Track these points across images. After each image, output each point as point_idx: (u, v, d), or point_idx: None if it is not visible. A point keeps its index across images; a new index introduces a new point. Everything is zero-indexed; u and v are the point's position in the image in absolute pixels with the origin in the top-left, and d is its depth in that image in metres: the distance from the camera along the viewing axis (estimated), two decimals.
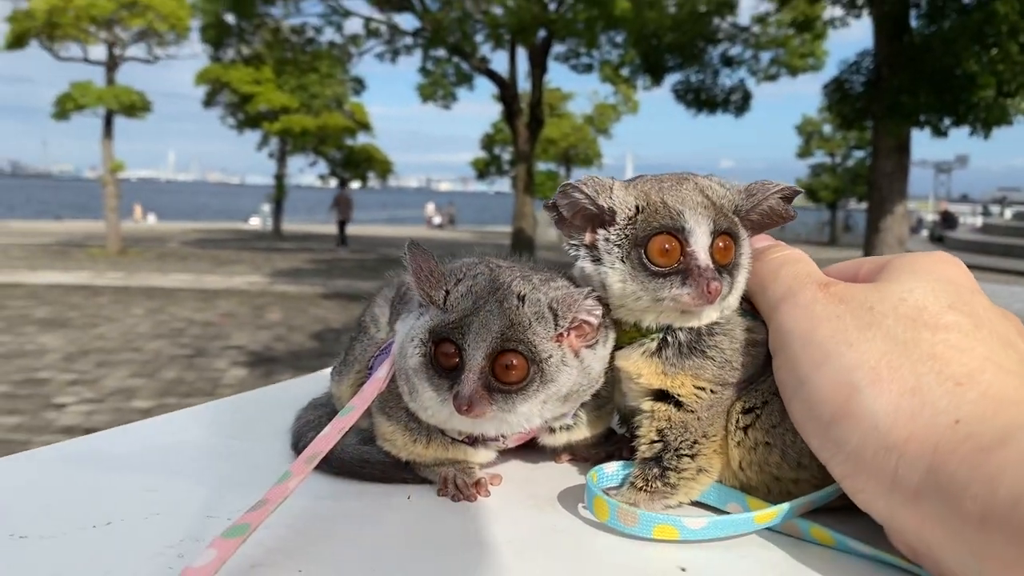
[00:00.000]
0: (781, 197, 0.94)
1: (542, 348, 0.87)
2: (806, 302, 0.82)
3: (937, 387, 0.71)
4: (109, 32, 25.35)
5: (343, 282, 18.38)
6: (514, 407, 0.87)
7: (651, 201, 0.89)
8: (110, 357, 11.18)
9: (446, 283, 0.91)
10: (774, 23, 22.27)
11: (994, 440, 0.65)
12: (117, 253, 24.13)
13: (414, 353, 0.90)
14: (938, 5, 14.43)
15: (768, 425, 0.89)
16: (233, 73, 28.38)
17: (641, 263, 0.88)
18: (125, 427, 1.18)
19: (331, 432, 0.88)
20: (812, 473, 0.87)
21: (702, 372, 0.90)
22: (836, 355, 0.76)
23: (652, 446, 0.92)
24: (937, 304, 0.77)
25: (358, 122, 33.44)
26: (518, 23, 20.80)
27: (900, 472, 0.70)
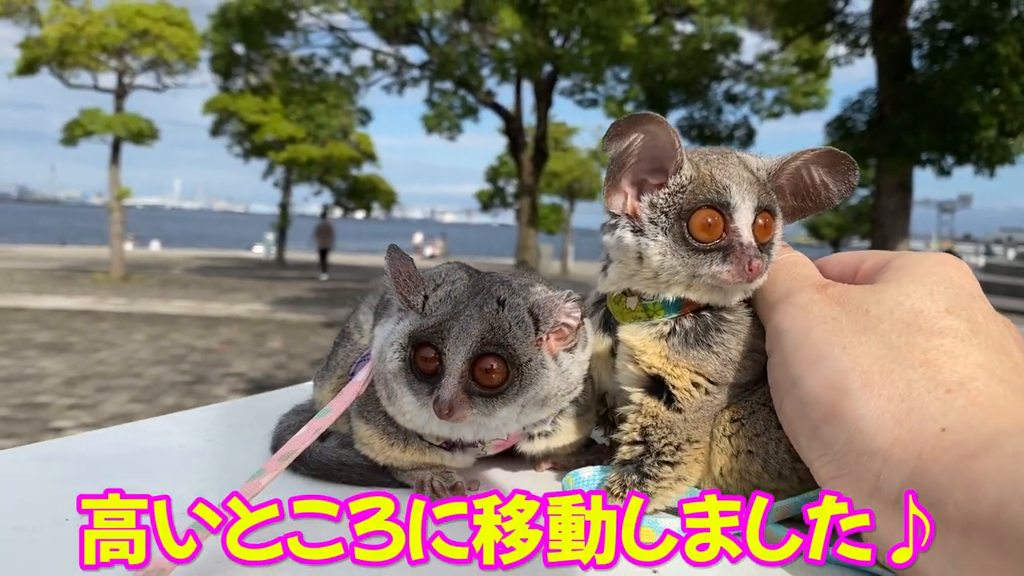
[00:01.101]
0: (813, 162, 0.92)
1: (522, 352, 0.87)
2: (803, 303, 0.82)
3: (927, 394, 0.70)
4: (119, 60, 25.60)
5: (345, 311, 18.25)
6: (493, 411, 0.87)
7: (700, 172, 0.88)
8: (110, 382, 11.17)
9: (425, 288, 0.91)
10: (778, 62, 22.46)
11: (979, 447, 0.64)
12: (121, 279, 24.15)
13: (393, 357, 0.90)
14: (940, 46, 14.55)
15: (752, 434, 0.88)
16: (241, 102, 28.60)
17: (683, 237, 0.87)
18: (102, 430, 1.19)
19: (306, 432, 0.89)
20: (791, 485, 0.87)
21: (704, 365, 0.89)
22: (830, 357, 0.76)
23: (633, 448, 0.91)
24: (934, 308, 0.76)
25: (364, 152, 33.60)
26: (524, 58, 20.97)
27: (882, 478, 0.69)
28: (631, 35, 19.21)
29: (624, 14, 17.95)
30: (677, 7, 21.09)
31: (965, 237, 66.57)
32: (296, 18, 23.90)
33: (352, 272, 30.93)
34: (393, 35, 23.55)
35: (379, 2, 22.01)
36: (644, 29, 20.38)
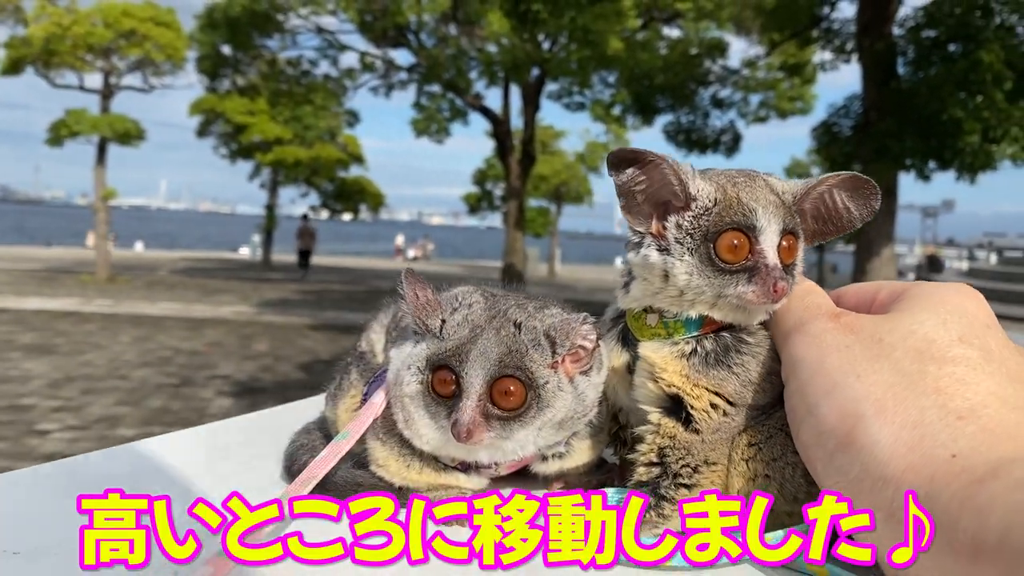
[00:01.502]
0: (837, 186, 0.93)
1: (539, 374, 0.88)
2: (817, 332, 0.83)
3: (938, 421, 0.71)
4: (106, 61, 25.46)
5: (332, 313, 18.33)
6: (511, 434, 0.88)
7: (727, 195, 0.89)
8: (96, 384, 11.09)
9: (442, 311, 0.92)
10: (764, 67, 22.57)
11: (986, 472, 0.64)
12: (106, 280, 24.00)
13: (411, 381, 0.91)
14: (924, 53, 14.65)
15: (769, 458, 0.89)
16: (228, 103, 28.48)
17: (709, 258, 0.87)
18: (107, 450, 1.17)
19: (328, 456, 0.89)
20: None
21: (724, 385, 0.89)
22: (844, 385, 0.77)
23: (650, 469, 0.91)
24: (947, 337, 0.77)
25: (351, 154, 33.53)
26: (512, 61, 20.99)
27: (896, 504, 0.69)
28: (618, 40, 19.25)
29: (611, 19, 17.99)
30: (664, 12, 21.14)
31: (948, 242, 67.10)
32: (284, 20, 23.84)
33: (339, 274, 30.86)
34: (381, 37, 23.53)
35: (367, 4, 22.00)
36: (631, 34, 20.42)
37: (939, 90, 13.31)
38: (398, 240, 53.80)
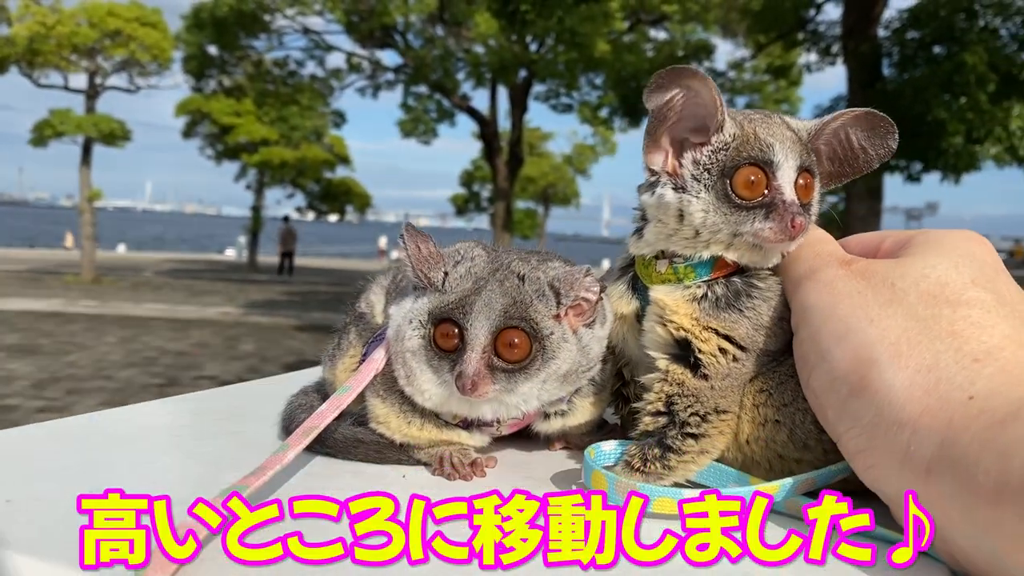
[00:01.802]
0: (852, 124, 0.92)
1: (544, 325, 0.87)
2: (828, 279, 0.82)
3: (954, 364, 0.70)
4: (91, 61, 25.31)
5: (318, 314, 18.27)
6: (515, 386, 0.88)
7: (744, 131, 0.88)
8: (81, 385, 11.01)
9: (444, 264, 0.91)
10: (750, 69, 22.67)
11: (1008, 414, 0.64)
12: (91, 281, 23.84)
13: (412, 335, 0.90)
14: (909, 54, 14.75)
15: (780, 404, 0.88)
16: (214, 104, 28.35)
17: (725, 194, 0.86)
18: (117, 409, 1.18)
19: (328, 409, 0.89)
20: (816, 455, 0.87)
21: (736, 328, 0.88)
22: (857, 330, 0.76)
23: (656, 419, 0.90)
24: (959, 280, 0.77)
25: (337, 155, 33.44)
26: (499, 62, 20.99)
27: (912, 448, 0.69)
28: (605, 42, 19.29)
29: (598, 21, 18.02)
30: (651, 14, 21.20)
31: None
32: (270, 20, 23.78)
33: (326, 275, 30.78)
34: (368, 38, 23.49)
35: (354, 5, 21.96)
36: (618, 36, 20.47)
37: (923, 92, 13.41)
38: (381, 242, 53.64)
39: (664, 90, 0.87)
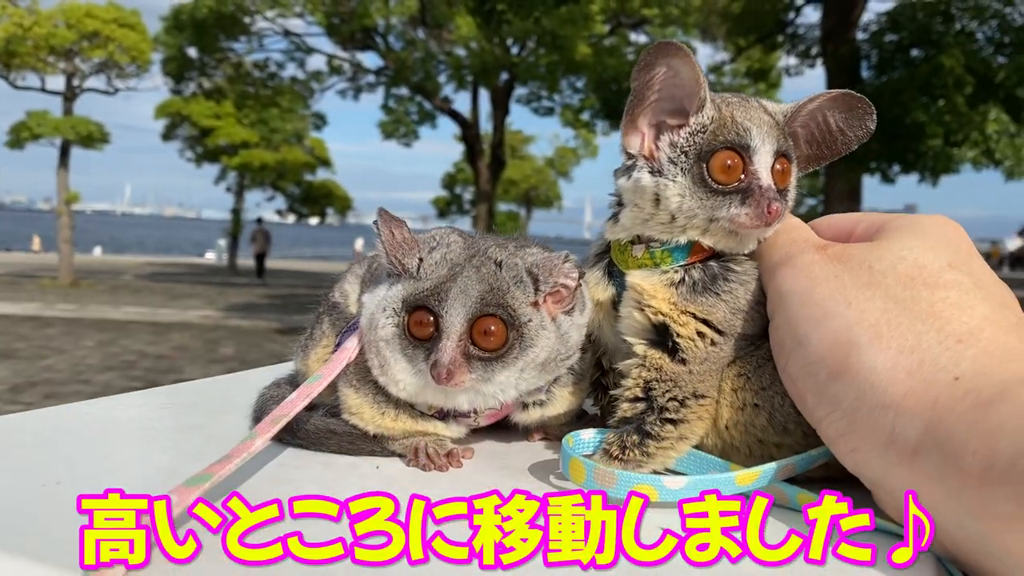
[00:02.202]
0: (828, 107, 0.92)
1: (521, 312, 0.86)
2: (804, 264, 0.82)
3: (937, 344, 0.70)
4: (68, 62, 25.08)
5: (298, 317, 18.05)
6: (492, 375, 0.86)
7: (722, 114, 0.87)
8: (58, 389, 10.90)
9: (419, 251, 0.89)
10: (730, 72, 22.80)
11: (993, 395, 0.64)
12: (69, 285, 23.61)
13: (386, 323, 0.88)
14: (887, 57, 14.90)
15: (758, 387, 0.87)
16: (193, 106, 28.17)
17: (702, 178, 0.85)
18: (77, 403, 1.15)
19: (297, 397, 0.87)
20: (796, 439, 0.86)
21: (713, 312, 0.87)
22: (835, 313, 0.75)
23: (635, 405, 0.89)
24: (937, 262, 0.76)
25: (318, 158, 33.32)
26: (480, 65, 21.01)
27: (897, 430, 0.68)
28: (586, 45, 19.36)
29: (579, 24, 18.08)
30: (631, 18, 21.28)
31: None
32: (250, 22, 23.65)
33: (306, 278, 30.63)
34: (349, 40, 23.43)
35: (335, 7, 21.88)
36: (599, 39, 20.55)
37: (902, 94, 13.55)
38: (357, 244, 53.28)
39: (650, 68, 0.86)
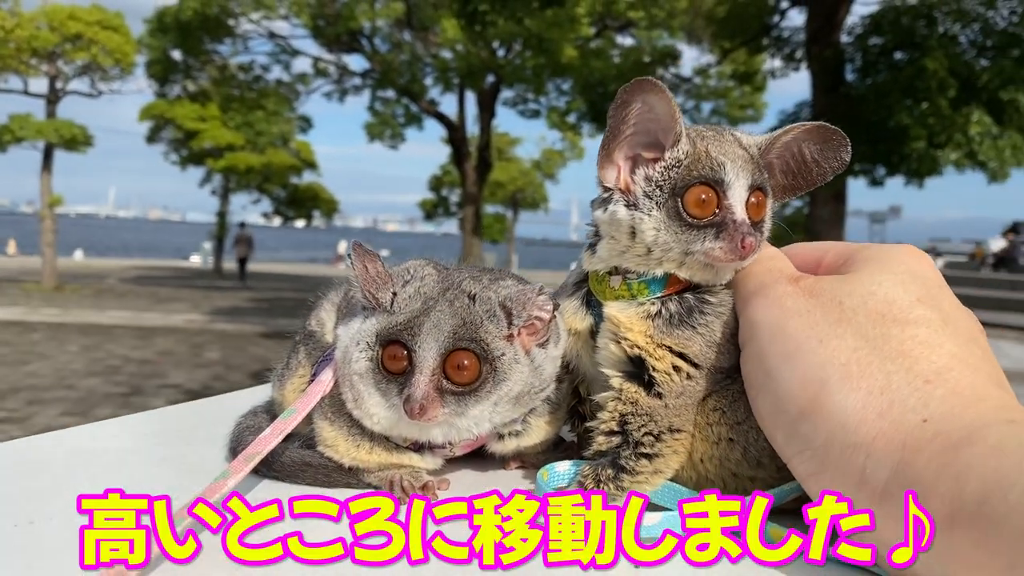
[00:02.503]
0: (804, 138, 0.92)
1: (495, 346, 0.85)
2: (777, 295, 0.81)
3: (906, 385, 0.70)
4: (51, 65, 24.92)
5: (284, 321, 18.13)
6: (466, 410, 0.85)
7: (696, 148, 0.87)
8: (42, 394, 10.82)
9: (393, 284, 0.89)
10: (715, 75, 22.89)
11: (961, 438, 0.64)
12: (53, 289, 23.46)
13: (360, 357, 0.88)
14: (871, 60, 14.99)
15: (733, 422, 0.87)
16: (178, 109, 28.05)
17: (677, 213, 0.86)
18: (51, 434, 1.13)
19: (271, 433, 0.86)
20: (769, 473, 0.87)
21: (689, 345, 0.87)
22: (807, 350, 0.75)
23: (610, 439, 0.89)
24: (906, 298, 0.76)
25: (304, 160, 33.22)
26: (467, 67, 21.01)
27: (868, 471, 0.68)
28: (572, 48, 19.38)
29: (565, 26, 18.09)
30: (617, 20, 21.32)
31: None
32: (235, 24, 23.58)
33: (291, 281, 30.56)
34: (334, 42, 23.40)
35: (320, 9, 21.85)
36: (585, 42, 20.58)
37: (886, 97, 13.63)
38: (340, 247, 52.99)
39: (626, 104, 0.86)
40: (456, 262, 1.03)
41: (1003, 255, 25.56)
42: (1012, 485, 0.58)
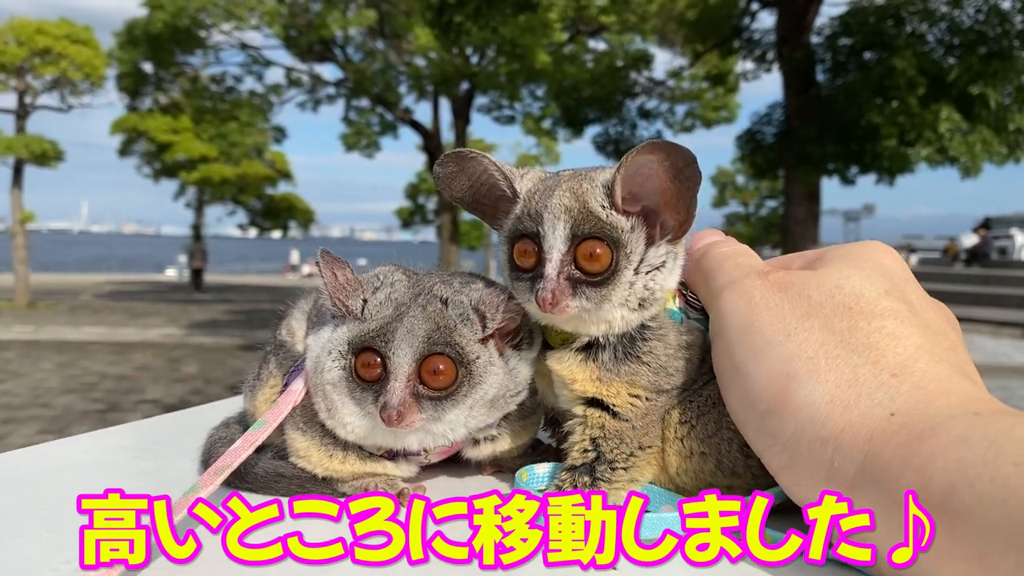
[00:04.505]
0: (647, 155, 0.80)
1: (469, 350, 0.85)
2: (746, 289, 0.82)
3: (873, 379, 0.71)
4: (20, 80, 24.67)
5: (262, 333, 17.89)
6: (442, 414, 0.85)
7: (527, 202, 0.86)
8: (16, 413, 10.67)
9: (363, 291, 0.88)
10: (688, 77, 23.04)
11: (926, 429, 0.64)
12: (26, 306, 23.18)
13: (332, 367, 0.87)
14: (841, 61, 15.13)
15: (704, 435, 0.87)
16: (150, 122, 27.86)
17: (511, 265, 0.86)
18: (19, 450, 1.11)
19: (242, 445, 0.85)
20: (745, 481, 0.87)
21: (638, 379, 0.86)
22: (775, 344, 0.76)
23: (585, 455, 0.89)
24: (874, 291, 0.77)
25: (279, 171, 33.11)
26: (440, 75, 21.03)
27: (836, 464, 0.69)
28: (545, 53, 19.44)
29: (538, 32, 18.15)
30: (589, 25, 21.42)
31: None
32: (206, 36, 23.43)
33: (269, 293, 30.38)
34: (307, 52, 23.32)
35: (292, 19, 21.78)
36: (558, 47, 20.65)
37: (856, 96, 13.76)
38: (292, 256, 52.40)
39: (452, 181, 0.88)
40: (428, 267, 1.02)
41: (975, 251, 25.85)
42: (978, 476, 0.59)
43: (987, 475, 0.58)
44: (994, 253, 27.06)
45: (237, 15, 21.63)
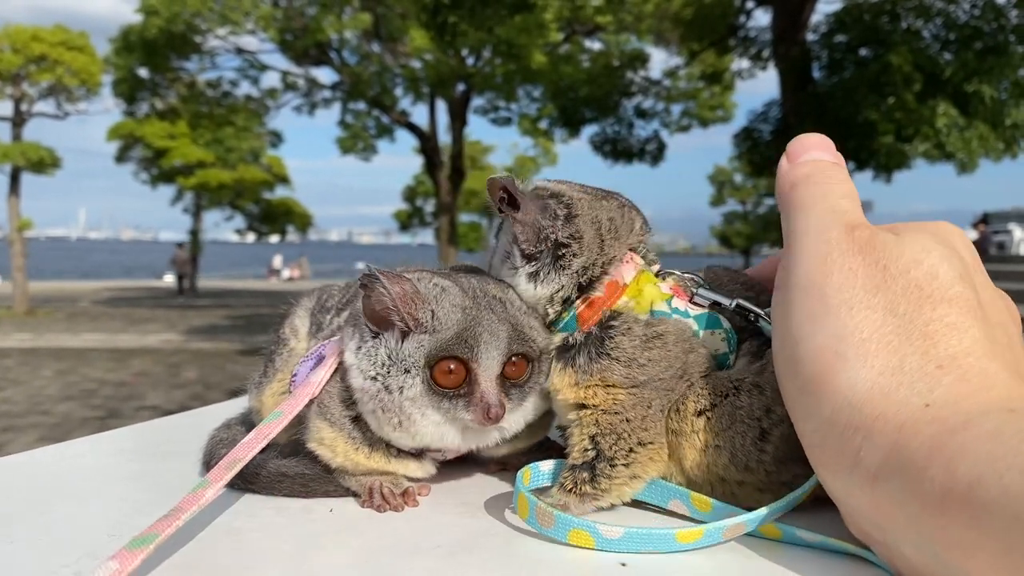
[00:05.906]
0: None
1: (539, 343, 0.89)
2: (827, 242, 0.76)
3: (918, 369, 0.68)
4: (15, 87, 24.66)
5: (262, 337, 17.85)
6: (523, 405, 0.90)
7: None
8: (16, 421, 10.66)
9: (428, 303, 0.87)
10: (684, 76, 23.03)
11: (958, 423, 0.62)
12: (25, 314, 23.17)
13: (412, 383, 0.86)
14: (837, 58, 15.14)
15: (718, 428, 0.86)
16: (147, 128, 27.82)
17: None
18: (15, 456, 1.10)
19: (255, 438, 0.83)
20: (758, 477, 0.86)
21: (609, 374, 0.87)
22: (834, 315, 0.72)
23: (585, 453, 0.89)
24: (950, 273, 0.72)
25: (276, 175, 33.10)
26: (436, 77, 21.00)
27: (862, 454, 0.67)
28: (542, 53, 19.41)
29: (534, 32, 18.13)
30: (585, 25, 21.40)
31: None
32: (202, 41, 23.38)
33: (267, 297, 30.36)
34: (303, 56, 23.28)
35: (287, 23, 21.75)
36: (554, 47, 20.62)
37: (853, 93, 13.78)
38: (274, 261, 52.28)
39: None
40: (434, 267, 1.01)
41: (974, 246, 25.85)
42: (1008, 468, 0.57)
43: (1017, 467, 0.56)
44: (993, 248, 27.06)
45: (232, 20, 21.57)
